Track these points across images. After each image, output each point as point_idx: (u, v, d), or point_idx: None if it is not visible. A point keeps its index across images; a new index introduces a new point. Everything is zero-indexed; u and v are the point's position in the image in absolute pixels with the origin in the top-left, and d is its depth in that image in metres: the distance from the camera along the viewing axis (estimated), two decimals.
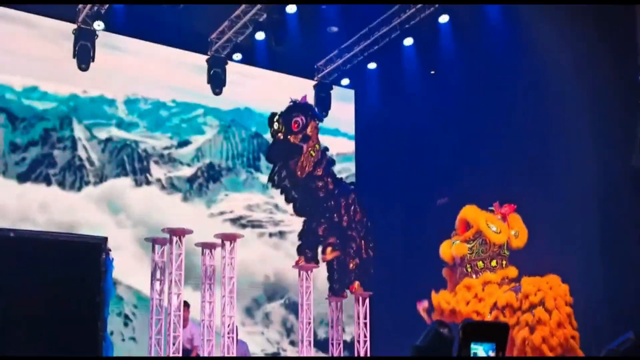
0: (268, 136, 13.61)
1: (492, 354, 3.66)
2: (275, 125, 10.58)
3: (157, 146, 13.27)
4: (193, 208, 13.35)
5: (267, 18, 12.44)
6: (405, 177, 14.35)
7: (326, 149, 11.14)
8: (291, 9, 12.16)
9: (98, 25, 12.35)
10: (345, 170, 14.59)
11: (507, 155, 11.93)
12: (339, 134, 14.92)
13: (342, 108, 15.17)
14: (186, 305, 10.27)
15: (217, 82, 13.86)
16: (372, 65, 14.30)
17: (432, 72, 13.76)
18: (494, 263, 8.83)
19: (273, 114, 10.67)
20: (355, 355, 11.22)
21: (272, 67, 13.91)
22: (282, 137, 10.53)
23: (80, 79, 12.58)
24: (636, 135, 8.97)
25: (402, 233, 14.07)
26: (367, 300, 11.29)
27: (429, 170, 13.71)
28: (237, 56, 13.85)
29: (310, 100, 12.88)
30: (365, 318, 11.18)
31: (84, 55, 12.44)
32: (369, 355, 11.15)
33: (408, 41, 13.18)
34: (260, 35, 12.92)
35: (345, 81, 14.99)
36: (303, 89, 14.11)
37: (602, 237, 10.51)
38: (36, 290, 6.62)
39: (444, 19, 12.47)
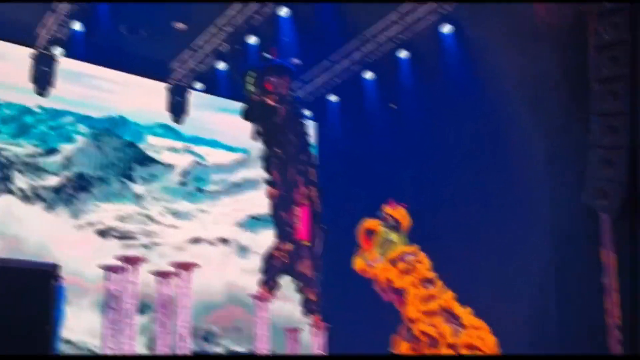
0: (143, 146, 13.60)
1: None
2: (250, 87, 11.02)
3: (21, 154, 12.43)
4: (57, 219, 12.54)
5: (228, 48, 12.50)
6: (365, 208, 14.39)
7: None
8: (252, 39, 12.22)
9: (58, 50, 12.26)
10: (222, 181, 14.28)
11: (465, 190, 12.08)
12: (217, 145, 14.48)
13: (221, 119, 14.56)
14: None
15: (177, 110, 13.85)
16: (333, 98, 14.44)
17: (393, 106, 13.91)
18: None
19: (245, 74, 11.06)
20: None
21: (233, 97, 13.90)
22: (257, 98, 10.97)
23: None
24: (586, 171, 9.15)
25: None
26: (325, 332, 11.26)
27: (389, 202, 13.78)
28: (199, 85, 13.87)
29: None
30: (322, 350, 11.13)
31: (42, 81, 12.35)
32: None
33: (368, 75, 13.36)
34: (221, 65, 12.96)
35: (306, 112, 15.09)
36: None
37: (557, 274, 10.65)
38: None
39: (403, 54, 12.69)
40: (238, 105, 13.93)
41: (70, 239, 12.26)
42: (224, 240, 13.93)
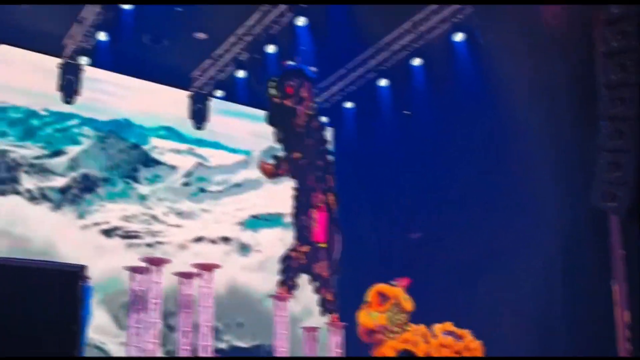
0: (147, 147, 13.85)
1: None
2: (272, 91, 11.65)
3: (28, 155, 12.62)
4: (63, 219, 12.70)
5: (248, 57, 12.86)
6: (380, 209, 14.67)
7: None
8: (271, 49, 12.57)
9: (84, 60, 12.68)
10: (224, 182, 14.53)
11: (476, 193, 12.32)
12: (220, 147, 14.67)
13: (224, 122, 14.74)
14: None
15: (199, 117, 14.23)
16: (349, 104, 14.76)
17: (407, 113, 14.17)
18: (407, 327, 10.33)
19: (270, 81, 11.77)
20: None
21: (252, 104, 14.25)
22: (278, 101, 11.55)
23: None
24: (595, 174, 9.36)
25: (376, 265, 14.33)
26: (342, 332, 11.52)
27: (403, 205, 14.06)
28: (219, 93, 14.22)
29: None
30: (339, 348, 11.39)
31: (68, 89, 12.78)
32: None
33: (383, 82, 13.67)
34: (240, 73, 13.32)
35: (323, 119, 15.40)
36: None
37: (566, 275, 10.85)
38: (8, 319, 6.64)
39: (417, 61, 12.99)
40: (240, 108, 14.54)
41: (75, 238, 12.58)
42: (226, 239, 14.22)
